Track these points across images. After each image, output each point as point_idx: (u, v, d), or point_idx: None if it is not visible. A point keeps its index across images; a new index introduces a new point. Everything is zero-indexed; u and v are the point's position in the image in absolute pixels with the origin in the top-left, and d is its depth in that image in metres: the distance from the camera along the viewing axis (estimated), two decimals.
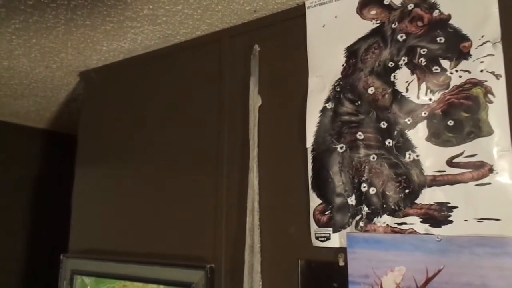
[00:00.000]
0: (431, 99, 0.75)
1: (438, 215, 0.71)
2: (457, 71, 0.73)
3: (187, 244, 1.01)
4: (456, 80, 0.73)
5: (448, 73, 0.74)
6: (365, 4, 0.85)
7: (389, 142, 0.78)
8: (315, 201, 0.84)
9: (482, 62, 0.71)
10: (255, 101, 0.95)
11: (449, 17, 0.76)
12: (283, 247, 0.87)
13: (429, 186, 0.73)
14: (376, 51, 0.82)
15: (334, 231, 0.81)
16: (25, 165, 2.01)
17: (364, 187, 0.79)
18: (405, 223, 0.74)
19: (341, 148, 0.83)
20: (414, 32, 0.79)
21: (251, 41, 1.00)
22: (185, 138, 1.08)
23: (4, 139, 1.93)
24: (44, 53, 1.22)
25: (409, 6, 0.80)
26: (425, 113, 0.75)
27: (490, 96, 0.70)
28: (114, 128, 1.26)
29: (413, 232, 0.73)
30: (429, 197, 0.73)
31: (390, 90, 0.79)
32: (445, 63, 0.74)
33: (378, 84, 0.81)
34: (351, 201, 0.80)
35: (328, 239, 0.81)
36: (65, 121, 1.94)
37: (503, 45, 0.70)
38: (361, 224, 0.78)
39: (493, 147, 0.68)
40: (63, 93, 1.56)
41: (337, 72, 0.86)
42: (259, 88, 0.96)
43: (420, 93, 0.76)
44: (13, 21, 1.03)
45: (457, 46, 0.74)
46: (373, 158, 0.79)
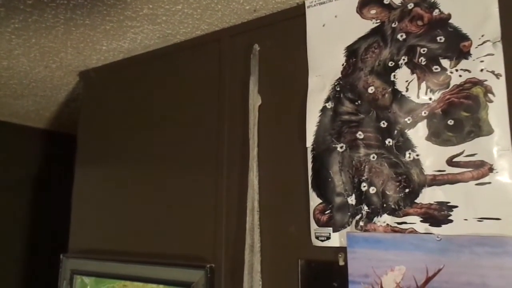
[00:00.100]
0: (431, 99, 0.75)
1: (438, 215, 0.71)
2: (457, 70, 0.73)
3: (187, 243, 1.01)
4: (456, 79, 0.73)
5: (448, 72, 0.74)
6: (365, 3, 0.85)
7: (389, 141, 0.78)
8: (315, 201, 0.84)
9: (482, 61, 0.71)
10: (255, 101, 0.95)
11: (449, 16, 0.76)
12: (283, 247, 0.87)
13: (429, 185, 0.73)
14: (376, 50, 0.82)
15: (334, 231, 0.81)
16: (24, 165, 2.01)
17: (364, 186, 0.79)
18: (405, 223, 0.74)
19: (341, 147, 0.83)
20: (414, 31, 0.79)
21: (251, 41, 1.00)
22: (185, 137, 1.08)
23: (3, 139, 1.92)
24: (43, 53, 1.22)
25: (409, 5, 0.80)
26: (425, 113, 0.75)
27: (490, 95, 0.70)
28: (114, 127, 1.26)
29: (413, 231, 0.73)
30: (429, 196, 0.73)
31: (390, 89, 0.79)
32: (445, 63, 0.74)
33: (378, 83, 0.81)
34: (351, 200, 0.80)
35: (328, 238, 0.81)
36: (64, 121, 1.94)
37: (503, 45, 0.70)
38: (361, 223, 0.78)
39: (493, 147, 0.68)
40: (63, 92, 1.56)
41: (337, 71, 0.86)
42: (259, 87, 0.96)
43: (420, 93, 0.76)
44: (12, 21, 1.03)
45: (457, 45, 0.74)
46: (373, 157, 0.79)
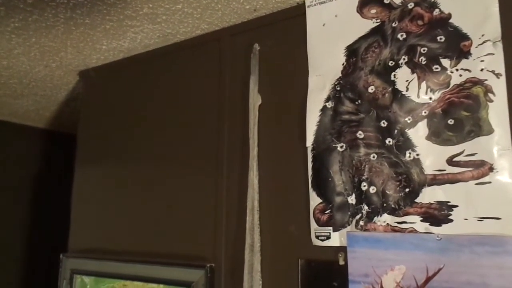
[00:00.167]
0: (431, 98, 0.75)
1: (438, 214, 0.71)
2: (457, 70, 0.73)
3: (187, 243, 1.01)
4: (456, 79, 0.73)
5: (448, 72, 0.74)
6: (366, 3, 0.85)
7: (389, 141, 0.78)
8: (315, 200, 0.84)
9: (482, 61, 0.71)
10: (255, 100, 0.95)
11: (450, 16, 0.76)
12: (283, 246, 0.87)
13: (429, 185, 0.73)
14: (376, 50, 0.82)
15: (334, 230, 0.81)
16: (24, 164, 2.01)
17: (364, 186, 0.79)
18: (405, 222, 0.74)
19: (341, 147, 0.83)
20: (414, 31, 0.79)
21: (251, 40, 0.99)
22: (184, 137, 1.08)
23: (3, 139, 1.92)
24: (43, 52, 1.22)
25: (409, 5, 0.80)
26: (425, 112, 0.75)
27: (490, 95, 0.70)
28: (113, 127, 1.26)
29: (413, 231, 0.73)
30: (429, 196, 0.73)
31: (390, 89, 0.79)
32: (446, 62, 0.74)
33: (378, 83, 0.81)
34: (351, 200, 0.80)
35: (328, 238, 0.81)
36: (64, 120, 1.94)
37: (503, 44, 0.70)
38: (361, 223, 0.78)
39: (493, 146, 0.68)
40: (63, 92, 1.56)
41: (337, 71, 0.86)
42: (259, 87, 0.96)
43: (420, 92, 0.76)
44: (12, 20, 1.03)
45: (458, 45, 0.74)
46: (373, 157, 0.79)
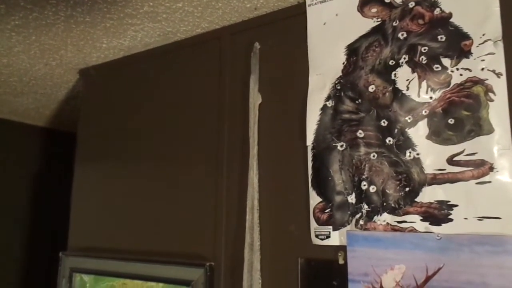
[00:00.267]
0: (431, 97, 0.75)
1: (438, 214, 0.71)
2: (458, 69, 0.73)
3: (187, 242, 1.01)
4: (457, 78, 0.73)
5: (449, 71, 0.74)
6: (366, 2, 0.84)
7: (389, 140, 0.78)
8: (315, 199, 0.84)
9: (483, 60, 0.71)
10: (255, 99, 0.95)
11: (450, 15, 0.75)
12: (283, 245, 0.87)
13: (429, 184, 0.73)
14: (376, 49, 0.82)
15: (334, 229, 0.81)
16: (24, 163, 2.01)
17: (364, 185, 0.79)
18: (405, 221, 0.74)
19: (341, 146, 0.83)
20: (415, 30, 0.78)
21: (251, 39, 0.99)
22: (185, 136, 1.08)
23: (3, 137, 1.92)
24: (43, 50, 1.22)
25: (410, 4, 0.80)
26: (425, 111, 0.75)
27: (491, 94, 0.70)
28: (113, 126, 1.26)
29: (413, 230, 0.73)
30: (429, 195, 0.72)
31: (390, 88, 0.79)
32: (446, 61, 0.74)
33: (378, 82, 0.81)
34: (351, 199, 0.80)
35: (328, 237, 0.81)
36: (64, 119, 1.94)
37: (504, 44, 0.70)
38: (361, 222, 0.78)
39: (494, 146, 0.68)
40: (63, 90, 1.56)
41: (338, 70, 0.86)
42: (259, 86, 0.96)
43: (420, 91, 0.76)
44: (12, 18, 1.03)
45: (458, 44, 0.74)
46: (374, 156, 0.79)
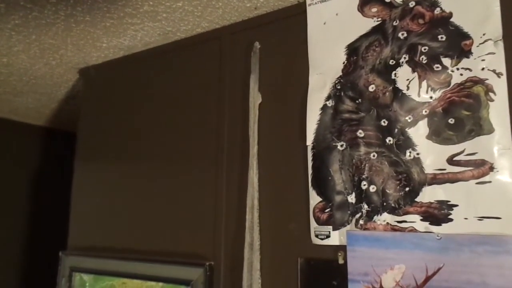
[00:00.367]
0: (432, 97, 0.75)
1: (438, 213, 0.71)
2: (458, 69, 0.73)
3: (187, 241, 1.01)
4: (457, 78, 0.73)
5: (449, 71, 0.74)
6: (366, 1, 0.84)
7: (389, 140, 0.78)
8: (315, 199, 0.84)
9: (483, 60, 0.71)
10: (255, 99, 0.95)
11: (451, 15, 0.75)
12: (283, 245, 0.87)
13: (430, 184, 0.73)
14: (377, 48, 0.82)
15: (334, 229, 0.81)
16: (24, 162, 2.00)
17: (364, 185, 0.79)
18: (405, 221, 0.74)
19: (342, 146, 0.83)
20: (415, 29, 0.78)
21: (251, 39, 0.99)
22: (184, 135, 1.08)
23: (3, 136, 1.92)
24: (43, 50, 1.21)
25: (410, 3, 0.80)
26: (425, 111, 0.75)
27: (491, 94, 0.70)
28: (113, 125, 1.26)
29: (413, 230, 0.73)
30: (429, 195, 0.72)
31: (391, 88, 0.79)
32: (446, 61, 0.74)
33: (379, 81, 0.81)
34: (351, 199, 0.80)
35: (327, 237, 0.81)
36: (64, 118, 1.94)
37: (505, 43, 0.70)
38: (361, 222, 0.78)
39: (494, 146, 0.68)
40: (63, 90, 1.56)
41: (338, 69, 0.86)
42: (259, 85, 0.96)
43: (421, 91, 0.76)
44: (12, 17, 1.03)
45: (458, 44, 0.74)
46: (374, 156, 0.79)
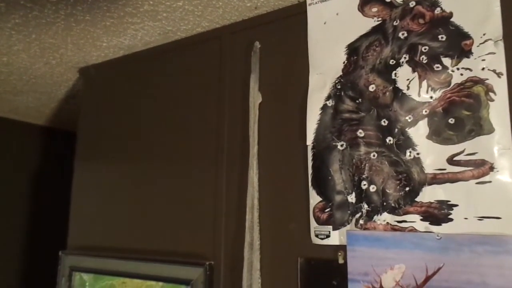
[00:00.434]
0: (432, 97, 0.75)
1: (438, 213, 0.71)
2: (458, 69, 0.73)
3: (187, 241, 1.01)
4: (457, 78, 0.73)
5: (449, 71, 0.74)
6: (367, 1, 0.84)
7: (389, 140, 0.78)
8: (315, 199, 0.84)
9: (483, 60, 0.71)
10: (255, 98, 0.95)
11: (451, 14, 0.75)
12: (283, 245, 0.87)
13: (430, 184, 0.73)
14: (377, 48, 0.82)
15: (334, 229, 0.81)
16: (24, 161, 2.00)
17: (364, 184, 0.79)
18: (405, 221, 0.74)
19: (342, 145, 0.83)
20: (415, 29, 0.78)
21: (251, 38, 0.99)
22: (184, 135, 1.08)
23: (3, 136, 1.92)
24: (43, 49, 1.21)
25: (410, 3, 0.80)
26: (426, 111, 0.75)
27: (491, 94, 0.70)
28: (113, 124, 1.26)
29: (413, 230, 0.73)
30: (429, 195, 0.72)
31: (391, 87, 0.79)
32: (447, 61, 0.74)
33: (379, 81, 0.81)
34: (351, 198, 0.80)
35: (327, 236, 0.81)
36: (64, 117, 1.94)
37: (505, 43, 0.70)
38: (361, 221, 0.78)
39: (494, 145, 0.68)
40: (63, 89, 1.56)
41: (338, 69, 0.86)
42: (260, 85, 0.96)
43: (421, 91, 0.76)
44: (12, 16, 1.03)
45: (459, 44, 0.74)
46: (374, 155, 0.79)
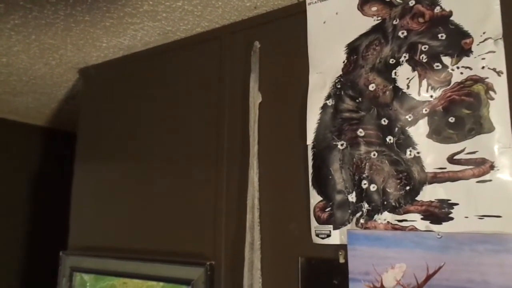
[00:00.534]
0: (432, 96, 0.75)
1: (439, 212, 0.71)
2: (458, 67, 0.73)
3: (187, 241, 1.01)
4: (457, 76, 0.73)
5: (449, 69, 0.74)
6: (366, 0, 0.84)
7: (389, 139, 0.78)
8: (315, 198, 0.84)
9: (483, 58, 0.71)
10: (255, 98, 0.95)
11: (451, 13, 0.75)
12: (284, 244, 0.87)
13: (430, 183, 0.73)
14: (377, 47, 0.82)
15: (334, 228, 0.81)
16: (24, 162, 2.00)
17: (364, 184, 0.79)
18: (405, 220, 0.74)
19: (342, 145, 0.83)
20: (415, 28, 0.78)
21: (251, 38, 0.99)
22: (184, 134, 1.08)
23: (3, 136, 1.92)
24: (43, 50, 1.21)
25: (410, 2, 0.80)
26: (426, 110, 0.75)
27: (491, 92, 0.70)
28: (113, 125, 1.26)
29: (414, 229, 0.73)
30: (429, 194, 0.72)
31: (391, 86, 0.79)
32: (446, 60, 0.74)
33: (379, 80, 0.81)
34: (352, 198, 0.80)
35: (328, 236, 0.81)
36: (64, 118, 1.94)
37: (505, 42, 0.70)
38: (362, 221, 0.78)
39: (494, 144, 0.68)
40: (62, 90, 1.56)
41: (338, 69, 0.86)
42: (260, 85, 0.96)
43: (421, 90, 0.76)
44: (12, 17, 1.03)
45: (459, 42, 0.74)
46: (374, 155, 0.79)
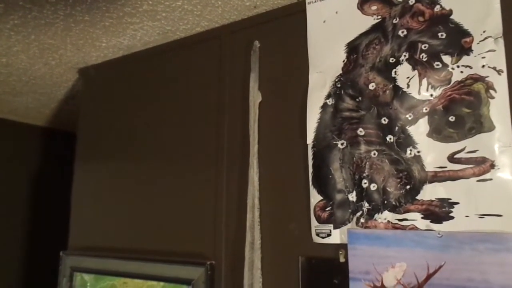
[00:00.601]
0: (432, 95, 0.75)
1: (439, 211, 0.71)
2: (458, 66, 0.73)
3: (187, 241, 1.01)
4: (457, 75, 0.73)
5: (449, 68, 0.74)
6: None
7: (390, 138, 0.78)
8: (315, 198, 0.84)
9: (483, 57, 0.71)
10: (255, 97, 0.95)
11: (451, 12, 0.75)
12: (284, 244, 0.87)
13: (430, 182, 0.73)
14: (377, 46, 0.82)
15: (334, 228, 0.81)
16: (24, 162, 2.00)
17: (365, 183, 0.79)
18: (406, 219, 0.74)
19: (342, 144, 0.82)
20: (415, 27, 0.78)
21: (251, 37, 0.99)
22: (184, 134, 1.08)
23: (2, 136, 1.92)
24: (43, 50, 1.21)
25: (410, 1, 0.80)
26: (426, 109, 0.75)
27: (491, 91, 0.70)
28: (113, 125, 1.26)
29: (414, 228, 0.73)
30: (430, 193, 0.72)
31: (391, 86, 0.79)
32: (447, 59, 0.74)
33: (379, 80, 0.81)
34: (352, 197, 0.80)
35: (328, 235, 0.81)
36: (64, 118, 1.94)
37: (505, 41, 0.70)
38: (362, 220, 0.78)
39: (495, 143, 0.68)
40: (62, 90, 1.55)
41: (338, 68, 0.86)
42: (259, 84, 0.96)
43: (421, 89, 0.76)
44: (11, 17, 1.03)
45: (459, 41, 0.73)
46: (374, 154, 0.79)
